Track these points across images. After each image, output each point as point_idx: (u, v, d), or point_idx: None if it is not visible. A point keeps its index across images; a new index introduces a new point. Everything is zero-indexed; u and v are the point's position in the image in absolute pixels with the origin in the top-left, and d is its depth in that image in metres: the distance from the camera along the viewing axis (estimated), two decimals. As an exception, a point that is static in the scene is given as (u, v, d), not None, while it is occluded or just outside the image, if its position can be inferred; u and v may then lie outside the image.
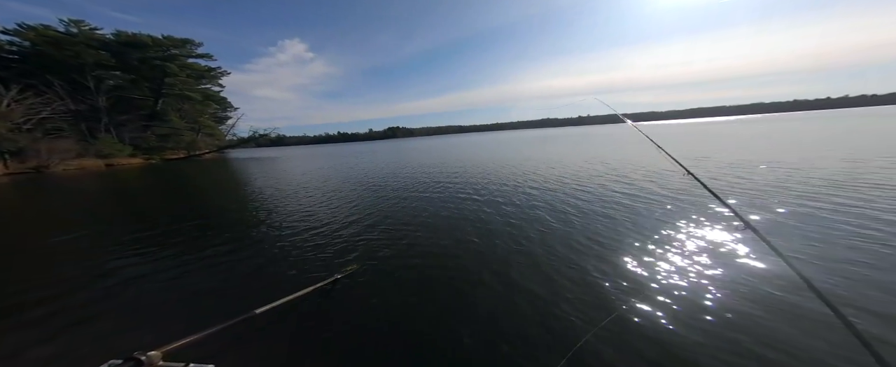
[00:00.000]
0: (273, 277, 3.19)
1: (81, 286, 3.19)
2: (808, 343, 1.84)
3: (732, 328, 2.01)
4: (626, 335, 1.98)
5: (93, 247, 4.57)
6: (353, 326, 2.26)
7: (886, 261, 2.72)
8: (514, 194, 6.45)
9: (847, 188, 5.15)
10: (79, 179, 16.55)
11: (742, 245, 3.15)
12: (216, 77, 45.58)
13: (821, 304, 0.96)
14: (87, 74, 30.30)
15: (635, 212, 4.61)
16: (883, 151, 8.71)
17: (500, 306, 2.43)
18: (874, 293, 2.28)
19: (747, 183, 6.09)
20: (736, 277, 2.60)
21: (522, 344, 1.98)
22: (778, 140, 14.37)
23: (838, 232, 3.40)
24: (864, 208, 4.13)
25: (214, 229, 5.11)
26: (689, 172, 1.93)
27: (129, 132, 33.95)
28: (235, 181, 12.53)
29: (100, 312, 2.68)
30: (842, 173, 6.31)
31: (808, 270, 2.71)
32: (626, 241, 3.49)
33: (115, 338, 2.31)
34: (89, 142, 28.06)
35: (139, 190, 11.55)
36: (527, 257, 3.28)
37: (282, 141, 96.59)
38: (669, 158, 2.16)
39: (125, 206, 8.42)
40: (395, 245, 3.87)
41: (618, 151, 14.42)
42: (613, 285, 2.60)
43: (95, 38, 31.61)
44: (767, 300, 2.27)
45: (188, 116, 41.19)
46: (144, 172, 20.80)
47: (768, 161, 8.47)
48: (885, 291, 2.29)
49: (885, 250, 2.90)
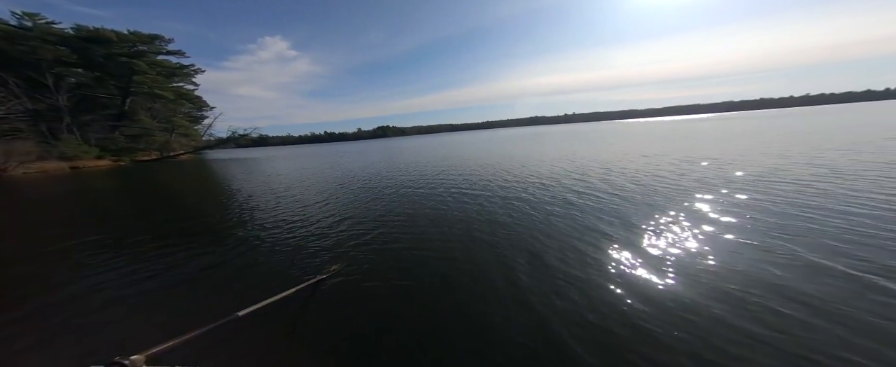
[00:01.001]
0: (255, 279, 3.19)
1: (55, 292, 3.12)
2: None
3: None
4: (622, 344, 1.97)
5: (66, 251, 4.45)
6: (336, 327, 2.27)
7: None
8: (500, 192, 6.63)
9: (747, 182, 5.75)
10: (41, 183, 15.56)
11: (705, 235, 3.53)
12: (189, 75, 43.44)
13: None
14: (46, 71, 28.18)
15: (627, 203, 4.94)
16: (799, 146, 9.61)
17: (485, 304, 2.47)
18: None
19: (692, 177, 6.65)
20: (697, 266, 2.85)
21: (508, 345, 2.00)
22: (735, 136, 15.43)
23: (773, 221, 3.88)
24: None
25: (193, 232, 5.05)
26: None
27: (94, 133, 31.93)
28: (212, 183, 12.19)
29: (78, 318, 2.65)
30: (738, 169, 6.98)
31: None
32: (616, 240, 3.58)
33: (95, 343, 2.27)
34: (51, 143, 26.23)
35: (108, 193, 11.05)
36: (513, 255, 3.34)
37: (264, 141, 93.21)
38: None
39: (94, 209, 8.07)
40: (379, 244, 3.94)
41: (600, 149, 15.05)
42: (606, 285, 2.62)
43: (53, 33, 29.38)
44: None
45: (160, 116, 39.15)
46: (113, 174, 19.73)
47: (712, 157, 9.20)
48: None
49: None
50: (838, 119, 24.82)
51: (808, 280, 2.58)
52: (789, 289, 2.47)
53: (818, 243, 3.20)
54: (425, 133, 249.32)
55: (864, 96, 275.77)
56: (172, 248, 4.29)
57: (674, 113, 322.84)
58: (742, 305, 2.32)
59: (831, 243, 3.18)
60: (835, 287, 2.46)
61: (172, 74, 40.74)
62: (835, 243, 3.18)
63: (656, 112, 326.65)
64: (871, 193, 4.73)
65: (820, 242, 3.24)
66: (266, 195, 8.28)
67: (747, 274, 2.72)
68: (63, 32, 30.65)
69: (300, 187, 9.36)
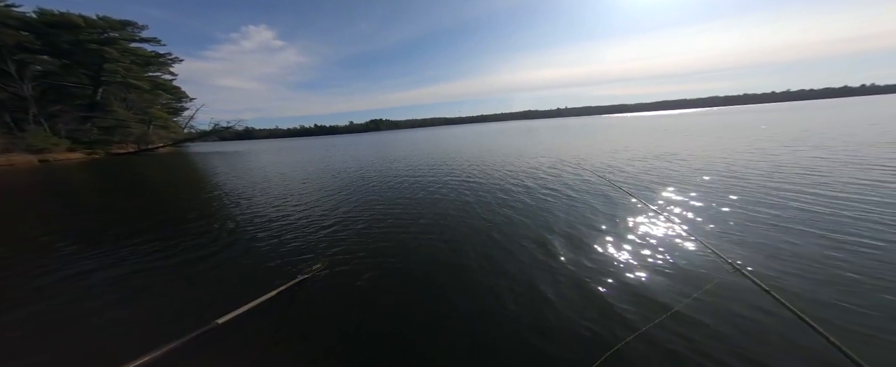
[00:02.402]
0: (233, 282, 3.00)
1: (14, 303, 2.80)
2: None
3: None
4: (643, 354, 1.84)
5: (23, 253, 4.09)
6: (321, 328, 2.19)
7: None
8: (486, 186, 6.60)
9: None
10: (5, 176, 14.77)
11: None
12: (166, 64, 41.48)
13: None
14: (7, 57, 26.45)
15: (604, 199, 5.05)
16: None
17: (470, 301, 2.42)
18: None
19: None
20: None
21: (496, 340, 1.95)
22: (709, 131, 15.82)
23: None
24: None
25: (166, 231, 4.76)
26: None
27: (64, 124, 30.34)
28: (191, 177, 11.81)
29: (42, 331, 2.39)
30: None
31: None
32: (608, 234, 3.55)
33: (61, 360, 2.06)
34: (17, 135, 24.84)
35: (78, 188, 10.57)
36: (500, 249, 3.30)
37: (250, 134, 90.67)
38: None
39: (61, 206, 7.66)
40: (363, 241, 3.80)
41: (588, 142, 15.21)
42: (597, 283, 2.57)
43: (13, 17, 27.47)
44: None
45: (136, 107, 37.44)
46: (85, 167, 18.90)
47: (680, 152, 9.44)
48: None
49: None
50: (807, 115, 25.81)
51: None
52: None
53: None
54: (419, 126, 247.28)
55: (841, 92, 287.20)
56: (146, 249, 4.02)
57: (662, 108, 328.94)
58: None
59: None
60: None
61: (148, 63, 38.83)
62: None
63: (645, 107, 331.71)
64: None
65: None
66: (247, 190, 7.98)
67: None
68: (25, 16, 28.68)
69: (282, 182, 9.09)
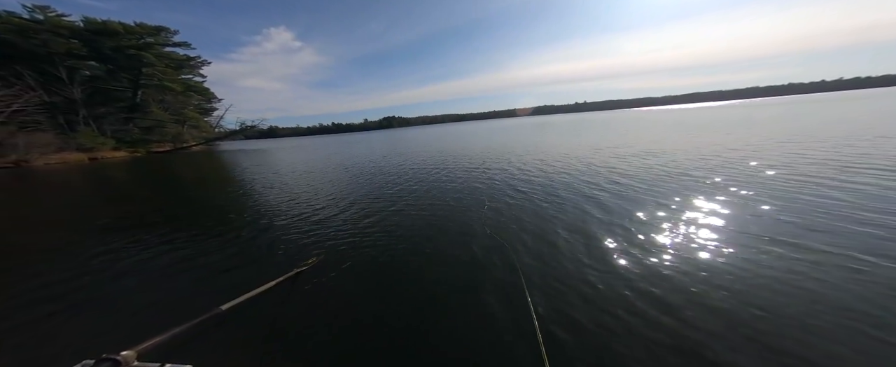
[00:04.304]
0: (239, 271, 3.14)
1: (49, 285, 3.07)
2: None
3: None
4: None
5: (64, 243, 4.39)
6: (318, 318, 2.25)
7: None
8: (489, 182, 6.53)
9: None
10: (59, 174, 16.13)
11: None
12: (196, 67, 43.71)
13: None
14: (59, 64, 28.74)
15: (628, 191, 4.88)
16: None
17: (465, 292, 2.44)
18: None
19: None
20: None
21: (490, 336, 1.95)
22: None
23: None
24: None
25: (191, 223, 5.01)
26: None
27: (109, 125, 32.73)
28: (219, 174, 12.32)
29: (68, 311, 2.60)
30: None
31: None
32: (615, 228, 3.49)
33: (80, 338, 2.24)
34: (69, 135, 27.05)
35: (124, 182, 11.37)
36: (494, 242, 3.31)
37: (274, 133, 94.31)
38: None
39: (114, 198, 8.28)
40: (362, 234, 3.87)
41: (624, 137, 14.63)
42: (598, 279, 2.49)
43: (63, 26, 29.77)
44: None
45: (171, 108, 39.75)
46: (130, 165, 20.29)
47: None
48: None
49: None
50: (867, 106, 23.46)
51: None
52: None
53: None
54: (430, 123, 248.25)
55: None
56: (167, 239, 4.24)
57: (693, 100, 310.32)
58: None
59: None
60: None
61: (180, 67, 41.05)
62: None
63: (674, 99, 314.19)
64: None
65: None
66: (266, 187, 8.27)
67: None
68: (73, 25, 31.02)
69: (305, 178, 9.34)
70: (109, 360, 0.85)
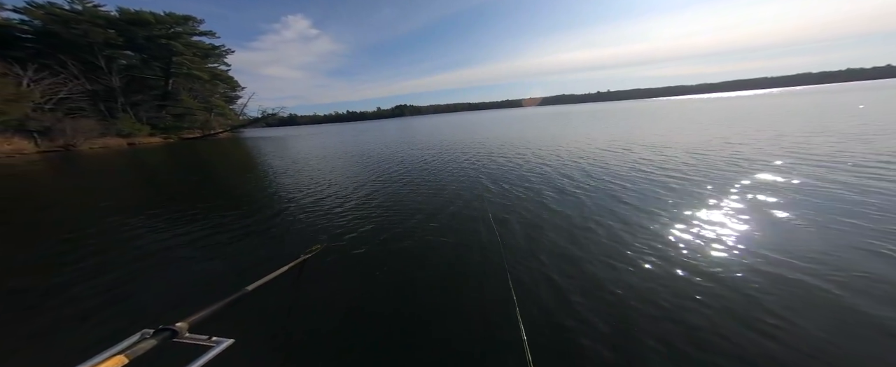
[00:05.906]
0: (262, 253, 3.32)
1: (107, 262, 3.28)
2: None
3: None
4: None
5: (109, 223, 4.62)
6: (326, 302, 2.34)
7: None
8: (494, 172, 6.42)
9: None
10: (105, 158, 17.24)
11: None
12: (221, 55, 44.92)
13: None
14: (98, 53, 30.33)
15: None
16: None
17: (467, 278, 2.48)
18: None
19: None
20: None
21: (493, 323, 1.94)
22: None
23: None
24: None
25: (225, 207, 5.21)
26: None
27: (144, 112, 34.54)
28: (246, 160, 12.75)
29: (121, 284, 2.79)
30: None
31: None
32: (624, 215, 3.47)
33: (131, 310, 2.40)
34: (109, 121, 28.81)
35: (160, 168, 12.10)
36: (492, 235, 3.24)
37: (293, 120, 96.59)
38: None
39: (147, 183, 8.77)
40: (366, 223, 3.91)
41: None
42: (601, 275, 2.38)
43: (100, 16, 31.21)
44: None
45: (199, 96, 41.36)
46: (165, 150, 21.45)
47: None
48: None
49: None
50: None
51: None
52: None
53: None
54: (442, 112, 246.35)
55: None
56: (201, 222, 4.42)
57: (733, 88, 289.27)
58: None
59: None
60: None
61: (206, 56, 42.33)
62: None
63: (711, 88, 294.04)
64: None
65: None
66: (289, 172, 8.57)
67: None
68: (109, 15, 32.46)
69: (316, 166, 9.52)
70: (168, 330, 0.93)
